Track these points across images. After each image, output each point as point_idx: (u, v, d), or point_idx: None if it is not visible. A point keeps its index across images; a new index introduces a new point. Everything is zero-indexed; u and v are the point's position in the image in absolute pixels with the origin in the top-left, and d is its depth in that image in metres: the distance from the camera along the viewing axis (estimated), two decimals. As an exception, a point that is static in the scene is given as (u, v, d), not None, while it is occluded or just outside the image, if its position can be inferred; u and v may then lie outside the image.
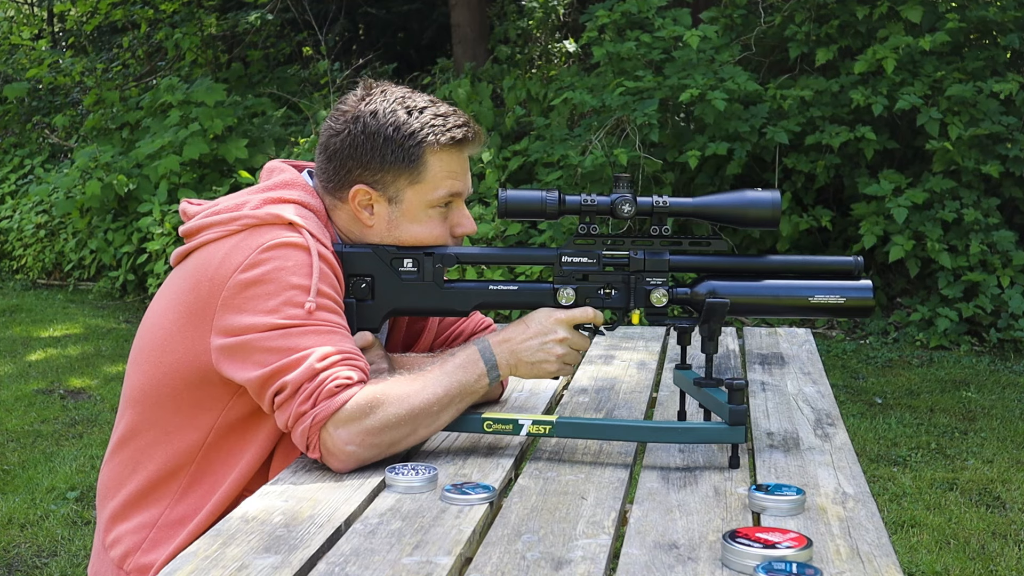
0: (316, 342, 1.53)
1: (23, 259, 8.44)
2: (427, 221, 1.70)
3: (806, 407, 1.93)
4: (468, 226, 1.75)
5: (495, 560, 1.23)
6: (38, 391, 5.22)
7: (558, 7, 10.02)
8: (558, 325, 1.63)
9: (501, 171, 6.82)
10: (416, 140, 1.67)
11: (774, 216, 1.62)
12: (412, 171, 1.67)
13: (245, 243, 1.60)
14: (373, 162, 1.68)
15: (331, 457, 1.52)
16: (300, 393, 1.51)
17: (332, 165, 1.71)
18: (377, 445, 1.53)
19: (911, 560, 3.30)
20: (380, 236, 1.71)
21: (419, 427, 1.56)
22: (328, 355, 1.52)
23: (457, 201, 1.74)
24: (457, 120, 1.70)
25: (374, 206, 1.70)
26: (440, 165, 1.69)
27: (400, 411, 1.53)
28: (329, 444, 1.51)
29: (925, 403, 4.95)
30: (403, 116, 1.68)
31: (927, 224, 5.98)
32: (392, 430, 1.53)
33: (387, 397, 1.53)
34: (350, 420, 1.50)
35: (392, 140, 1.67)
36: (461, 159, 1.72)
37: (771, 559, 1.19)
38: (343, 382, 1.51)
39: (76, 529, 3.51)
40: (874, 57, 6.09)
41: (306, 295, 1.55)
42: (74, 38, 10.94)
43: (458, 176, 1.71)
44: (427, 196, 1.69)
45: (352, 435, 1.51)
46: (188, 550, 1.25)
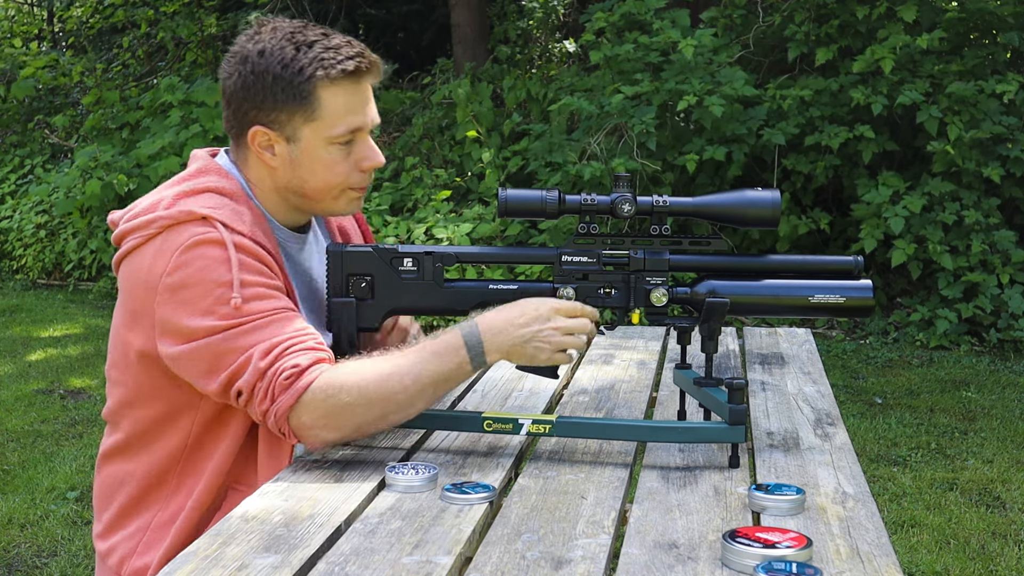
0: (255, 339, 1.53)
1: (23, 259, 8.43)
2: (328, 159, 1.66)
3: (806, 407, 1.93)
4: (374, 158, 1.70)
5: (495, 560, 1.23)
6: (38, 391, 5.22)
7: (558, 7, 10.02)
8: (554, 313, 1.59)
9: (501, 171, 6.82)
10: (305, 76, 1.62)
11: (774, 216, 1.61)
12: (306, 108, 1.63)
13: (165, 246, 1.58)
14: (266, 102, 1.64)
15: (305, 440, 1.55)
16: (256, 395, 1.53)
17: (230, 110, 1.69)
18: (341, 428, 1.53)
19: (911, 560, 3.30)
20: (286, 178, 1.68)
21: (388, 413, 1.54)
22: (269, 350, 1.52)
23: (360, 135, 1.69)
24: (349, 51, 1.65)
25: (274, 147, 1.67)
26: (335, 100, 1.64)
27: (362, 397, 1.52)
28: (297, 431, 1.53)
29: (925, 403, 4.95)
30: (291, 52, 1.63)
31: (928, 227, 5.98)
32: (355, 415, 1.53)
33: (348, 381, 1.52)
34: (311, 406, 1.51)
35: (281, 78, 1.62)
36: (359, 91, 1.67)
37: (771, 559, 1.19)
38: (291, 372, 1.51)
39: (76, 529, 3.51)
40: (872, 57, 6.09)
41: (231, 291, 1.53)
42: (74, 38, 10.93)
43: (357, 110, 1.66)
44: (325, 133, 1.65)
45: (316, 419, 1.51)
46: (188, 550, 1.25)
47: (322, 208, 1.73)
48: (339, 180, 1.69)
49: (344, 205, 1.73)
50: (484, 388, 2.06)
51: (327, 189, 1.69)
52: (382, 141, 8.05)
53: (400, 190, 7.09)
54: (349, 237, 1.92)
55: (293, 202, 1.72)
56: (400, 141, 7.71)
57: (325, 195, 1.70)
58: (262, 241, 1.63)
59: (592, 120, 6.36)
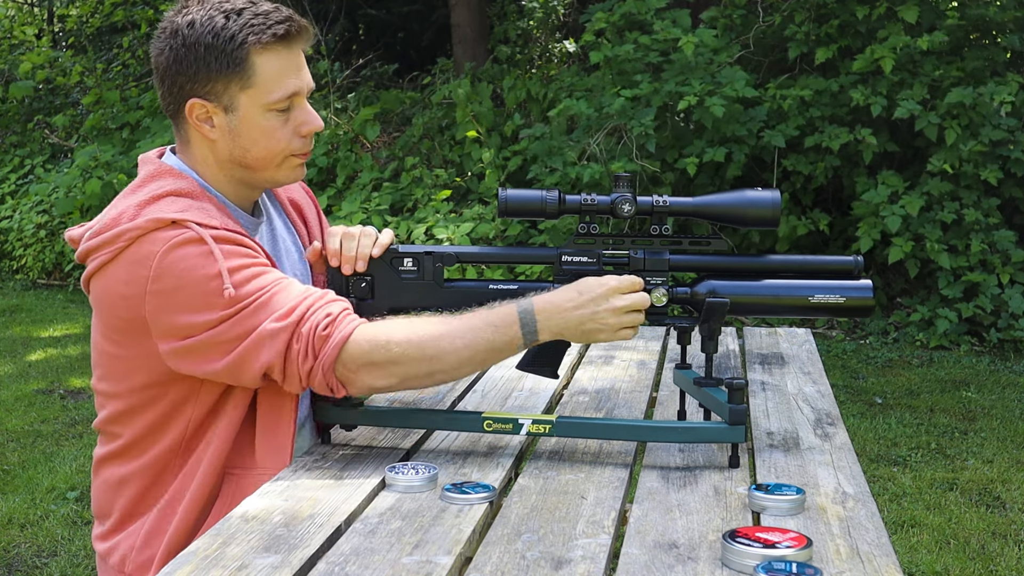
0: (262, 316, 1.53)
1: (23, 259, 8.43)
2: (267, 126, 1.66)
3: (806, 407, 1.93)
4: (313, 122, 1.70)
5: (495, 560, 1.23)
6: (38, 391, 5.22)
7: (558, 7, 10.02)
8: (611, 293, 1.59)
9: (501, 171, 6.82)
10: (237, 43, 1.62)
11: (774, 216, 1.61)
12: (241, 76, 1.63)
13: (140, 256, 1.56)
14: (200, 73, 1.63)
15: (351, 388, 1.57)
16: (294, 357, 1.53)
17: (164, 87, 1.68)
18: (389, 376, 1.55)
19: (911, 560, 3.30)
20: (227, 149, 1.67)
21: (435, 371, 1.56)
22: (286, 315, 1.53)
23: (297, 100, 1.69)
24: (278, 16, 1.65)
25: (212, 118, 1.66)
26: (269, 66, 1.64)
27: (412, 349, 1.54)
28: (344, 380, 1.55)
29: (925, 403, 4.95)
30: (221, 21, 1.63)
31: (926, 226, 5.98)
32: (404, 366, 1.55)
33: (399, 333, 1.55)
34: (358, 355, 1.53)
35: (213, 47, 1.62)
36: (292, 56, 1.66)
37: (771, 559, 1.19)
38: (326, 322, 1.53)
39: (76, 529, 3.51)
40: (872, 56, 6.09)
41: (223, 282, 1.53)
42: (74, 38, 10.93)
43: (291, 74, 1.66)
44: (262, 100, 1.65)
45: (363, 367, 1.54)
46: (188, 550, 1.25)
47: (265, 177, 1.72)
48: (280, 147, 1.68)
49: (287, 172, 1.73)
50: (484, 388, 2.06)
51: (269, 157, 1.69)
52: (382, 141, 8.05)
53: (400, 190, 7.09)
54: (301, 209, 1.92)
55: (237, 175, 1.71)
56: (400, 141, 7.71)
57: (268, 163, 1.70)
58: (236, 229, 1.63)
59: (591, 121, 6.36)
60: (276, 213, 1.89)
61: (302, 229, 1.90)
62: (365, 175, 7.31)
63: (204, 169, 1.72)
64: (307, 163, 1.79)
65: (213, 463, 1.64)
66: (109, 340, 1.65)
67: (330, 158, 7.50)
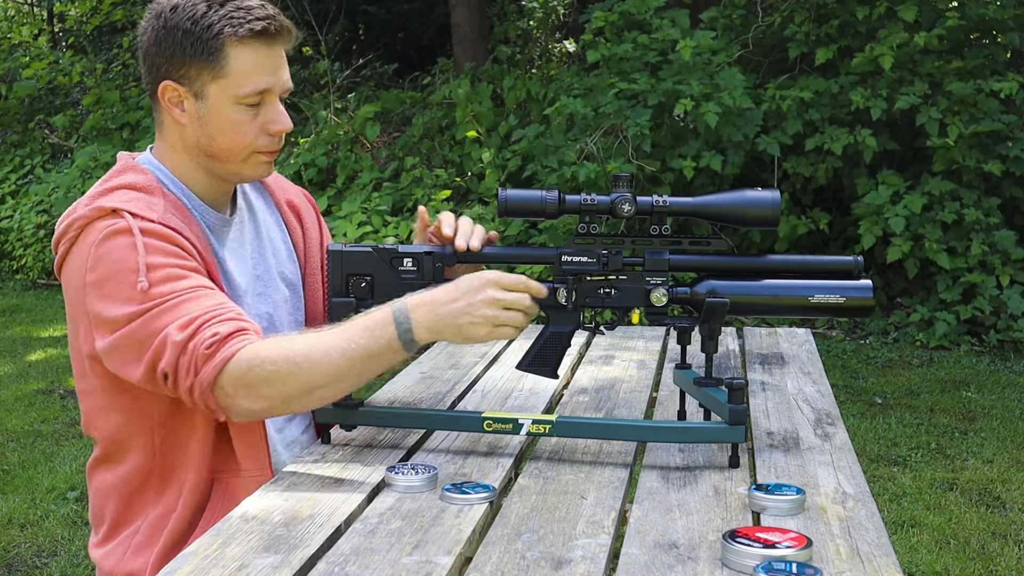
0: (169, 319, 1.51)
1: (23, 259, 8.43)
2: (235, 118, 1.66)
3: (806, 407, 1.93)
4: (282, 122, 1.70)
5: (495, 560, 1.23)
6: (38, 391, 5.22)
7: (558, 7, 10.02)
8: (488, 285, 1.51)
9: (501, 171, 6.82)
10: (213, 33, 1.63)
11: (774, 216, 1.61)
12: (213, 65, 1.64)
13: (83, 245, 1.60)
14: (175, 56, 1.65)
15: (230, 411, 1.53)
16: (180, 371, 1.50)
17: (145, 66, 1.70)
18: (268, 397, 1.50)
19: (911, 560, 3.30)
20: (195, 136, 1.68)
21: (315, 386, 1.50)
22: (187, 324, 1.50)
23: (269, 97, 1.69)
24: (260, 12, 1.65)
25: (183, 103, 1.67)
26: (243, 59, 1.64)
27: (288, 365, 1.48)
28: (222, 401, 1.51)
29: (925, 403, 4.95)
30: (202, 8, 1.64)
31: (926, 226, 5.98)
32: (281, 384, 1.49)
33: (274, 351, 1.50)
34: (235, 376, 1.48)
35: (191, 33, 1.63)
36: (270, 53, 1.67)
37: (771, 559, 1.19)
38: (212, 340, 1.49)
39: (76, 529, 3.51)
40: (872, 55, 6.09)
41: (139, 276, 1.53)
42: (74, 38, 10.93)
43: (265, 71, 1.66)
44: (232, 92, 1.65)
45: (239, 389, 1.49)
46: (188, 550, 1.25)
47: (229, 170, 1.72)
48: (247, 141, 1.68)
49: (252, 169, 1.73)
50: (484, 388, 2.07)
51: (234, 150, 1.69)
52: (382, 141, 8.05)
53: (400, 190, 7.09)
54: (299, 212, 1.92)
55: (204, 164, 1.72)
56: (400, 141, 7.71)
57: (232, 156, 1.70)
58: (176, 226, 1.62)
59: (588, 120, 6.36)
60: (268, 211, 1.89)
61: (297, 231, 1.90)
62: (365, 175, 7.31)
63: (174, 156, 1.73)
64: (307, 163, 1.79)
65: (200, 471, 1.64)
66: (72, 332, 1.67)
67: (330, 158, 7.50)
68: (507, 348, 2.42)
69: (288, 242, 1.89)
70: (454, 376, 2.15)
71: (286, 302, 1.86)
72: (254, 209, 1.86)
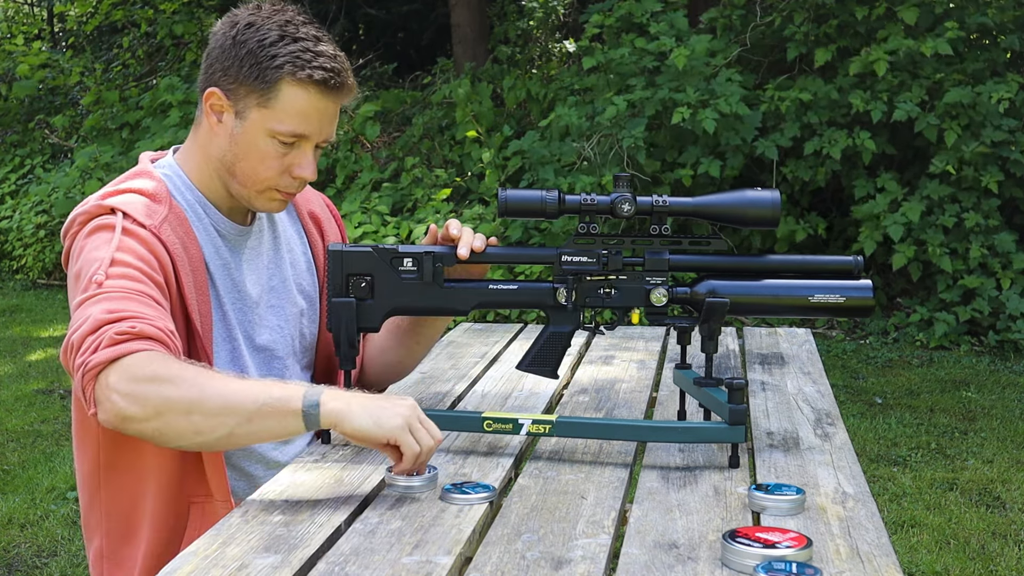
0: (104, 307, 1.46)
1: (23, 259, 8.43)
2: (264, 150, 1.67)
3: (806, 407, 1.93)
4: (307, 171, 1.69)
5: (495, 560, 1.23)
6: (38, 391, 5.22)
7: (558, 7, 10.02)
8: (412, 406, 1.44)
9: (501, 171, 6.82)
10: (275, 64, 1.63)
11: (774, 216, 1.61)
12: (264, 94, 1.64)
13: (77, 238, 1.62)
14: (231, 69, 1.65)
15: (102, 404, 1.41)
16: (83, 346, 1.42)
17: (206, 63, 1.71)
18: (144, 404, 1.39)
19: (911, 560, 3.30)
20: (222, 149, 1.69)
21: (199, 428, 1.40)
22: (114, 311, 1.45)
23: (305, 144, 1.68)
24: (328, 63, 1.65)
25: (223, 114, 1.68)
26: (294, 99, 1.64)
27: (184, 391, 1.39)
28: (98, 392, 1.40)
29: (925, 403, 4.95)
30: (274, 37, 1.64)
31: (928, 231, 5.98)
32: (163, 396, 1.39)
33: (176, 365, 1.42)
34: (126, 369, 1.39)
35: (254, 55, 1.64)
36: (322, 103, 1.66)
37: (771, 559, 1.19)
38: (127, 330, 1.42)
39: (76, 529, 3.51)
40: (868, 59, 6.09)
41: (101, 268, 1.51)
42: (74, 38, 10.93)
43: (310, 119, 1.66)
44: (270, 124, 1.65)
45: (123, 385, 1.39)
46: (188, 550, 1.25)
47: (242, 195, 1.72)
48: (267, 175, 1.68)
49: (263, 203, 1.72)
50: (484, 388, 2.07)
51: (253, 178, 1.69)
52: (382, 141, 8.05)
53: (400, 190, 7.09)
54: (320, 223, 1.92)
55: (222, 177, 1.72)
56: (400, 141, 7.71)
57: (249, 183, 1.69)
58: (166, 238, 1.61)
59: (583, 130, 6.37)
60: (290, 221, 1.89)
61: (318, 243, 1.90)
62: (365, 175, 7.31)
63: (200, 158, 1.73)
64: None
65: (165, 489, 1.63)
66: None
67: (330, 158, 7.50)
68: (507, 348, 2.42)
69: (308, 253, 1.89)
70: (454, 376, 2.15)
71: (302, 314, 1.85)
72: (274, 220, 1.86)
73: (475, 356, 2.33)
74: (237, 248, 1.76)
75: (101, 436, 1.65)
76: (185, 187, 1.73)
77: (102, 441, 1.65)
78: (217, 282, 1.71)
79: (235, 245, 1.76)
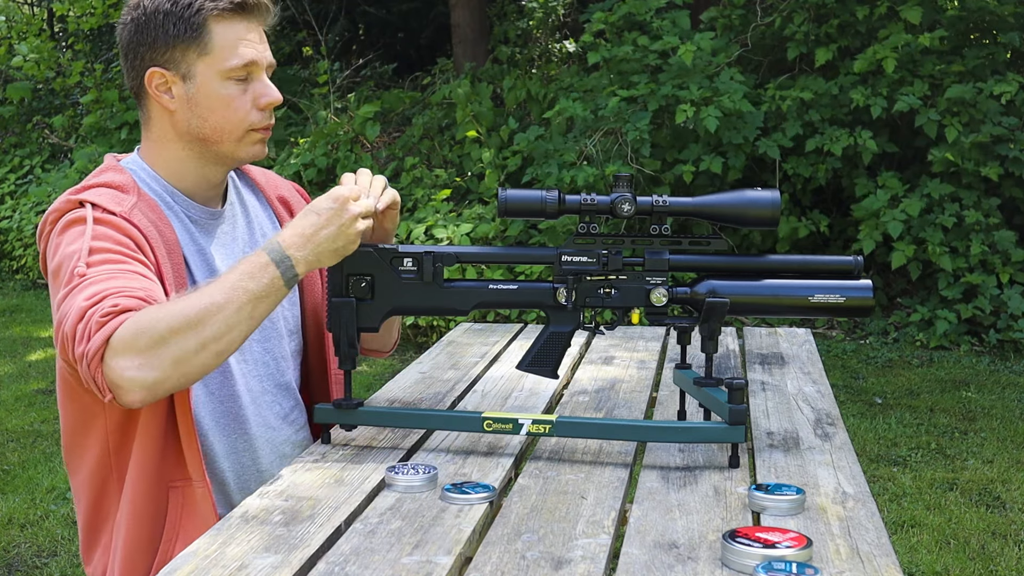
0: (87, 292, 1.48)
1: (23, 259, 8.43)
2: (225, 94, 1.67)
3: (806, 407, 1.93)
4: (272, 94, 1.70)
5: (495, 559, 1.23)
6: (38, 391, 5.22)
7: (558, 7, 10.02)
8: (346, 203, 1.55)
9: (501, 171, 6.82)
10: (195, 9, 1.64)
11: (774, 216, 1.61)
12: (198, 42, 1.65)
13: (51, 237, 1.62)
14: (158, 40, 1.65)
15: (119, 391, 1.43)
16: (76, 337, 1.44)
17: (127, 60, 1.70)
18: (160, 362, 1.42)
19: (911, 560, 3.30)
20: (186, 120, 1.68)
21: (207, 340, 1.45)
22: (95, 294, 1.46)
23: (256, 72, 1.70)
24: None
25: (171, 88, 1.68)
26: (226, 34, 1.66)
27: (174, 322, 1.43)
28: (112, 377, 1.42)
29: (925, 403, 4.95)
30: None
31: (927, 229, 5.98)
32: (171, 342, 1.42)
33: (160, 313, 1.44)
34: (123, 345, 1.41)
35: (172, 13, 1.64)
36: (250, 26, 1.68)
37: (771, 559, 1.19)
38: (109, 310, 1.43)
39: (76, 529, 3.51)
40: (874, 57, 6.09)
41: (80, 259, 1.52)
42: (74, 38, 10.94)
43: (249, 43, 1.68)
44: (220, 66, 1.66)
45: (130, 359, 1.41)
46: (188, 550, 1.25)
47: (224, 152, 1.72)
48: (239, 116, 1.69)
49: (247, 148, 1.73)
50: (484, 388, 2.07)
51: (228, 128, 1.69)
52: (382, 141, 8.05)
53: (400, 190, 7.10)
54: (291, 206, 1.92)
55: (197, 151, 1.72)
56: (400, 141, 7.71)
57: (226, 135, 1.70)
58: (138, 222, 1.61)
59: (587, 124, 6.37)
60: (261, 207, 1.89)
61: None
62: (365, 175, 7.30)
63: (163, 149, 1.72)
64: (307, 163, 1.79)
65: (143, 476, 1.62)
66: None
67: (330, 158, 7.50)
68: (507, 348, 2.42)
69: None
70: (454, 376, 2.16)
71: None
72: (246, 204, 1.86)
73: (475, 356, 2.33)
74: (209, 232, 1.77)
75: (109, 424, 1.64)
76: (151, 179, 1.73)
77: (110, 428, 1.64)
78: (192, 267, 1.71)
79: (207, 230, 1.76)
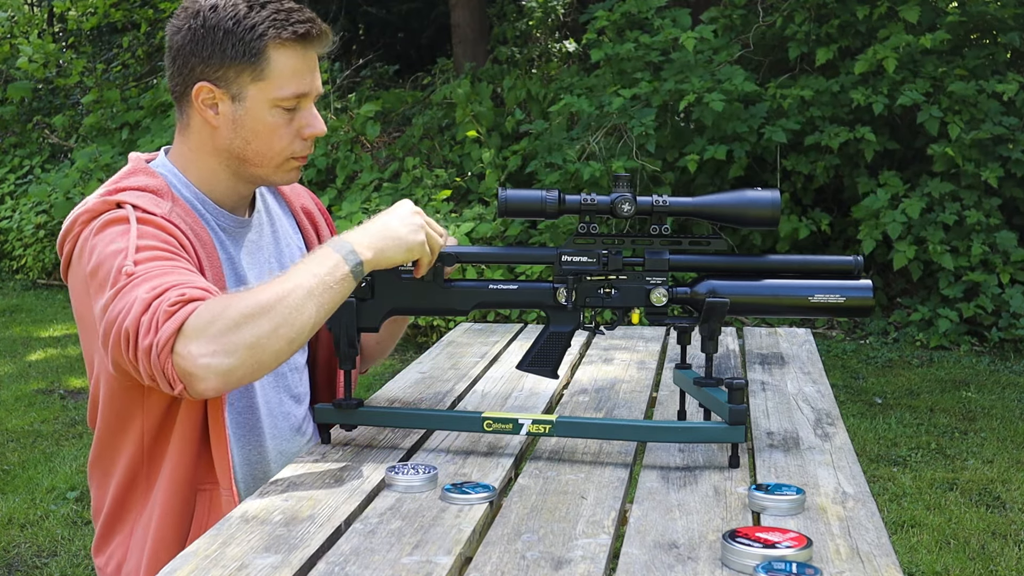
0: (144, 288, 1.45)
1: (23, 259, 8.43)
2: (272, 122, 1.66)
3: (806, 407, 1.93)
4: (317, 126, 1.70)
5: (495, 560, 1.23)
6: (38, 391, 5.22)
7: (558, 7, 10.02)
8: (407, 202, 1.60)
9: (501, 171, 6.82)
10: (257, 34, 1.62)
11: (774, 216, 1.61)
12: (254, 67, 1.63)
13: (84, 236, 1.60)
14: (214, 57, 1.63)
15: (193, 379, 1.40)
16: (141, 328, 1.41)
17: (176, 66, 1.68)
18: (234, 348, 1.39)
19: (911, 560, 3.30)
20: (227, 138, 1.68)
21: (278, 325, 1.42)
22: (157, 287, 1.45)
23: (304, 102, 1.69)
24: (301, 16, 1.65)
25: (218, 105, 1.66)
26: (284, 62, 1.64)
27: (246, 308, 1.40)
28: (185, 365, 1.39)
29: (925, 403, 4.95)
30: (244, 9, 1.63)
31: (928, 228, 5.98)
32: (245, 327, 1.40)
33: (232, 300, 1.42)
34: (197, 332, 1.39)
35: (232, 33, 1.62)
36: (307, 57, 1.67)
37: (771, 559, 1.19)
38: (177, 299, 1.41)
39: (76, 529, 3.51)
40: (875, 57, 6.09)
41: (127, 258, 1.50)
42: (74, 38, 10.94)
43: (304, 75, 1.67)
44: (271, 94, 1.65)
45: (204, 345, 1.38)
46: (188, 550, 1.25)
47: (261, 175, 1.72)
48: (282, 145, 1.68)
49: (283, 174, 1.73)
50: (484, 388, 2.07)
51: (269, 155, 1.69)
52: (382, 141, 8.05)
53: (400, 190, 7.09)
54: (313, 218, 1.93)
55: (233, 167, 1.71)
56: (400, 141, 7.71)
57: (266, 161, 1.70)
58: (179, 224, 1.61)
59: (592, 119, 6.37)
60: (286, 217, 1.90)
61: (312, 237, 1.91)
62: (365, 175, 7.31)
63: (197, 158, 1.72)
64: (307, 163, 1.79)
65: (174, 481, 1.62)
66: (80, 329, 1.68)
67: (330, 158, 7.51)
68: (507, 348, 2.42)
69: (304, 248, 1.89)
70: (454, 376, 2.16)
71: None
72: (272, 214, 1.86)
73: (475, 356, 2.33)
74: (238, 240, 1.77)
75: (146, 425, 1.64)
76: (183, 185, 1.73)
77: (146, 429, 1.64)
78: (224, 274, 1.71)
79: (236, 238, 1.77)
